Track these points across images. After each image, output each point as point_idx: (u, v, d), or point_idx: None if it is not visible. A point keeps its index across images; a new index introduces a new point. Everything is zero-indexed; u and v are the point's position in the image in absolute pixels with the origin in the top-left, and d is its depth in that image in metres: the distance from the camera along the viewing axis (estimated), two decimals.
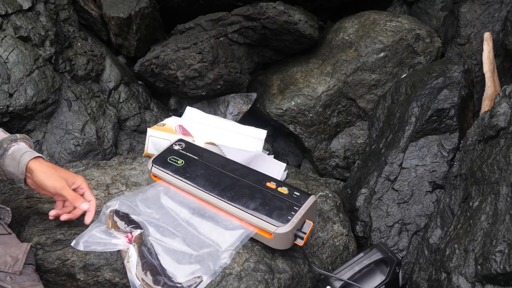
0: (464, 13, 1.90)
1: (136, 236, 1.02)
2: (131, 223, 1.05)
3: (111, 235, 1.03)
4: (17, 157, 1.01)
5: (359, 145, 1.87)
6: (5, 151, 1.02)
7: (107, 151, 1.65)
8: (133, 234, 1.02)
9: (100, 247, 1.00)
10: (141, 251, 0.99)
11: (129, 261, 0.98)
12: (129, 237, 1.02)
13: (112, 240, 1.02)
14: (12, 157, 1.02)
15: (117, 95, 1.85)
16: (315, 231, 1.26)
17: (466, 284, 0.98)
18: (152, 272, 0.97)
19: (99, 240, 1.01)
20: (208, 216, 1.09)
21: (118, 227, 1.04)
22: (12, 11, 1.62)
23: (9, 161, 1.02)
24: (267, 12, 1.83)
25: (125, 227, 1.04)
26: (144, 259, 0.98)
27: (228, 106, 1.87)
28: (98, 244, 1.00)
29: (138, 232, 1.03)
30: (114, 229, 1.04)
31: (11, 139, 1.04)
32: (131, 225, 1.04)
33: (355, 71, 1.86)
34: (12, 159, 1.01)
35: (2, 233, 1.01)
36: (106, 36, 2.02)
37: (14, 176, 1.02)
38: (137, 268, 0.96)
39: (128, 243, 1.01)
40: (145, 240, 1.02)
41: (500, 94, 1.22)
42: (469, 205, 1.12)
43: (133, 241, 1.01)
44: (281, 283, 1.05)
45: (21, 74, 1.54)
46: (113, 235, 1.03)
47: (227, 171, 1.18)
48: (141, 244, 1.01)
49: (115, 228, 1.04)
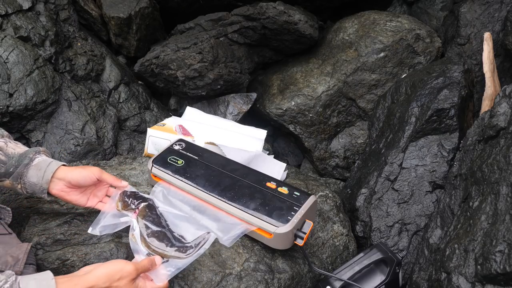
0: (464, 13, 1.90)
1: (140, 209, 1.05)
2: (138, 199, 1.08)
3: (122, 215, 1.06)
4: (43, 167, 1.03)
5: (359, 145, 1.87)
6: (31, 161, 1.04)
7: (107, 151, 1.65)
8: (139, 208, 1.05)
9: (112, 228, 1.03)
10: (145, 222, 1.02)
11: (133, 234, 1.00)
12: (136, 212, 1.04)
13: (121, 219, 1.05)
14: (37, 167, 1.03)
15: (117, 95, 1.85)
16: (315, 231, 1.26)
17: (466, 284, 0.98)
18: (159, 238, 0.99)
19: (112, 223, 1.04)
20: (208, 214, 1.09)
21: (127, 205, 1.07)
22: (12, 11, 1.62)
23: (32, 171, 1.03)
24: (267, 12, 1.83)
25: (133, 203, 1.07)
26: (149, 229, 1.01)
27: (228, 106, 1.87)
28: (110, 226, 1.04)
29: (143, 205, 1.06)
30: (124, 210, 1.06)
31: (35, 151, 1.06)
32: (138, 201, 1.07)
33: (355, 71, 1.86)
34: (37, 170, 1.03)
35: (3, 233, 1.01)
36: (106, 36, 2.02)
37: (36, 188, 1.03)
38: (142, 239, 0.99)
39: (134, 218, 1.03)
40: (149, 211, 1.05)
41: (500, 94, 1.22)
42: (469, 205, 1.12)
43: (137, 214, 1.04)
44: (281, 283, 1.05)
45: (21, 74, 1.54)
46: (123, 214, 1.06)
47: (227, 171, 1.18)
48: (145, 216, 1.04)
49: (125, 208, 1.07)
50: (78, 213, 1.16)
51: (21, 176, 1.03)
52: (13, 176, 1.02)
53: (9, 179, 1.03)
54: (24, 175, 1.03)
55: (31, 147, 1.08)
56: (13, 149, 1.05)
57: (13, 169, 1.02)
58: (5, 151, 1.04)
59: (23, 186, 1.03)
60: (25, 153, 1.04)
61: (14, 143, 1.08)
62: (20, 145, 1.08)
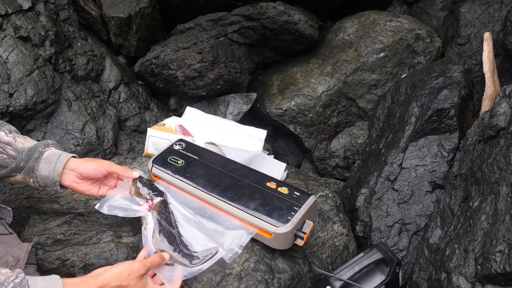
0: (464, 13, 1.90)
1: (156, 204, 1.05)
2: (154, 190, 1.08)
3: (134, 201, 1.06)
4: (53, 160, 1.04)
5: (359, 145, 1.87)
6: (41, 155, 1.05)
7: (107, 151, 1.65)
8: (153, 201, 1.04)
9: (122, 212, 1.04)
10: (159, 218, 1.02)
11: (146, 228, 1.00)
12: (150, 204, 1.04)
13: (133, 206, 1.05)
14: (47, 160, 1.04)
15: (117, 95, 1.85)
16: (315, 231, 1.26)
17: (466, 284, 0.98)
18: (169, 239, 0.99)
19: (122, 205, 1.04)
20: (209, 216, 1.09)
21: (141, 193, 1.07)
22: (12, 11, 1.62)
23: (43, 165, 1.04)
24: (267, 12, 1.83)
25: (148, 193, 1.07)
26: (161, 227, 1.01)
27: (228, 106, 1.87)
28: (120, 209, 1.04)
29: (159, 199, 1.06)
30: (136, 196, 1.06)
31: (45, 144, 1.07)
32: (154, 192, 1.07)
33: (355, 71, 1.86)
34: (48, 163, 1.04)
35: (3, 233, 1.01)
36: (106, 36, 2.02)
37: (48, 181, 1.04)
38: (153, 235, 0.98)
39: (148, 210, 1.03)
40: (164, 208, 1.05)
41: (500, 94, 1.22)
42: (469, 205, 1.12)
43: (152, 208, 1.03)
44: (281, 283, 1.05)
45: (21, 74, 1.54)
46: (135, 201, 1.06)
47: (227, 171, 1.18)
48: (160, 212, 1.03)
49: (138, 194, 1.07)
50: (78, 213, 1.16)
51: (33, 170, 1.04)
52: (24, 171, 1.03)
53: (21, 174, 1.04)
54: (35, 169, 1.04)
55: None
56: (22, 144, 1.06)
57: (24, 164, 1.03)
58: (15, 146, 1.04)
59: (35, 180, 1.05)
60: (35, 147, 1.05)
61: (22, 137, 1.09)
62: (28, 139, 1.09)
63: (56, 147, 1.11)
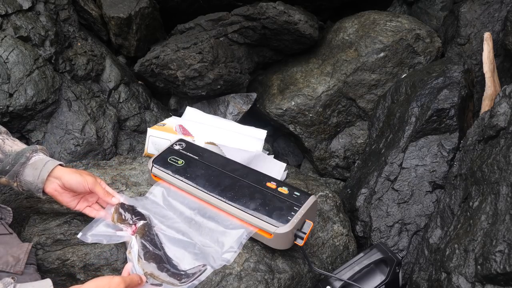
0: (464, 13, 1.90)
1: (139, 227, 1.04)
2: (137, 214, 1.07)
3: (116, 227, 1.05)
4: (39, 166, 1.03)
5: (359, 145, 1.87)
6: (27, 160, 1.03)
7: (107, 151, 1.65)
8: (136, 226, 1.04)
9: (106, 239, 1.02)
10: (144, 241, 1.01)
11: (130, 252, 1.00)
12: (133, 229, 1.03)
13: (117, 232, 1.04)
14: (33, 166, 1.03)
15: (117, 95, 1.85)
16: (315, 231, 1.26)
17: (466, 284, 0.98)
18: (155, 261, 0.98)
19: (105, 233, 1.03)
20: (209, 216, 1.09)
21: (123, 219, 1.06)
22: (12, 11, 1.62)
23: (29, 170, 1.02)
24: (267, 12, 1.83)
25: (130, 218, 1.06)
26: (146, 249, 1.00)
27: (228, 106, 1.87)
28: (104, 236, 1.02)
29: (142, 223, 1.05)
30: (119, 223, 1.05)
31: (32, 149, 1.05)
32: (136, 217, 1.06)
33: (355, 71, 1.86)
34: (34, 169, 1.02)
35: (3, 233, 1.01)
36: (106, 36, 2.02)
37: (31, 186, 1.03)
38: (139, 259, 0.98)
39: (132, 234, 1.02)
40: (148, 230, 1.04)
41: (500, 94, 1.22)
42: (469, 205, 1.12)
43: (136, 232, 1.02)
44: (281, 283, 1.05)
45: (21, 74, 1.54)
46: (118, 227, 1.05)
47: (227, 171, 1.18)
48: (144, 235, 1.02)
49: (121, 221, 1.05)
50: (78, 213, 1.16)
51: (17, 174, 1.02)
52: (9, 174, 1.02)
53: (5, 177, 1.03)
54: (20, 174, 1.02)
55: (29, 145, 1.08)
56: (10, 147, 1.05)
57: (9, 167, 1.02)
58: (2, 149, 1.04)
59: (19, 184, 1.04)
60: (22, 151, 1.04)
61: (11, 140, 1.08)
62: (18, 142, 1.08)
63: (44, 152, 1.09)
